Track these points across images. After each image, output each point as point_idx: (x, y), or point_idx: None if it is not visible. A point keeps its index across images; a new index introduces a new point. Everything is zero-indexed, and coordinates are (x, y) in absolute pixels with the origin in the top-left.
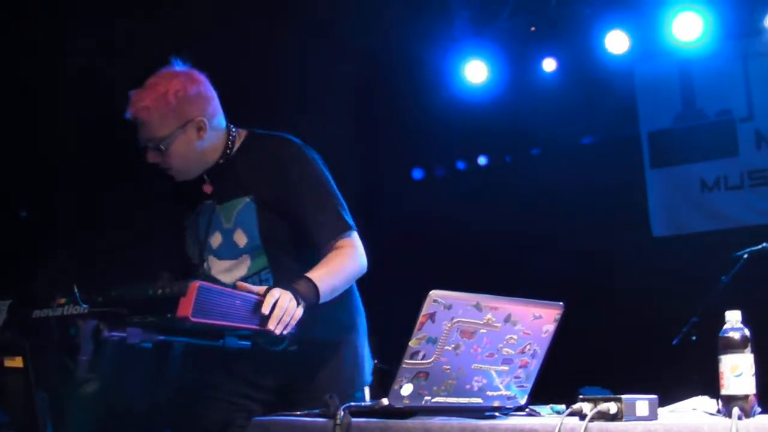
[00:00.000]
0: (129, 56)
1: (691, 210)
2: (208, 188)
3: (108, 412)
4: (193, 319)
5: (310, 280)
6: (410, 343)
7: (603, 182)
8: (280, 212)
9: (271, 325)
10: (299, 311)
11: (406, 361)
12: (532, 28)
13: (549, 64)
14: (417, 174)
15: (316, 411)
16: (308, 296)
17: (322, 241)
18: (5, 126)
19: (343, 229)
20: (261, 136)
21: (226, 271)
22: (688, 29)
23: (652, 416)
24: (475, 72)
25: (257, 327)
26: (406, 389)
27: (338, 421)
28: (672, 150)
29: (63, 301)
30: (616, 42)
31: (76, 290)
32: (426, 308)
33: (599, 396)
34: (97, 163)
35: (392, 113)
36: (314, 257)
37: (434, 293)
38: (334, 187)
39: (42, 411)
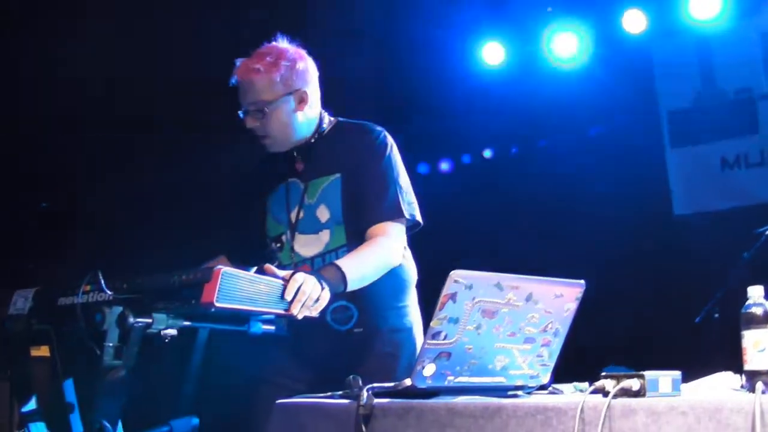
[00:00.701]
0: (150, 49)
1: (711, 188)
2: (299, 165)
3: (135, 398)
4: (217, 305)
5: (338, 267)
6: (432, 324)
7: (623, 162)
8: (358, 191)
9: (294, 309)
10: (325, 296)
11: (428, 341)
12: (549, 9)
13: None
14: (443, 165)
15: (339, 393)
16: (334, 282)
17: (370, 221)
18: (24, 116)
19: (393, 216)
20: (349, 122)
21: (305, 245)
22: (706, 7)
23: (675, 392)
24: (492, 54)
25: (282, 311)
26: (429, 369)
27: (362, 402)
28: (692, 129)
29: (88, 288)
30: (634, 21)
31: (101, 277)
32: (447, 288)
33: (622, 373)
34: (116, 153)
35: (405, 103)
36: None
37: (455, 273)
38: (402, 177)
39: (69, 398)
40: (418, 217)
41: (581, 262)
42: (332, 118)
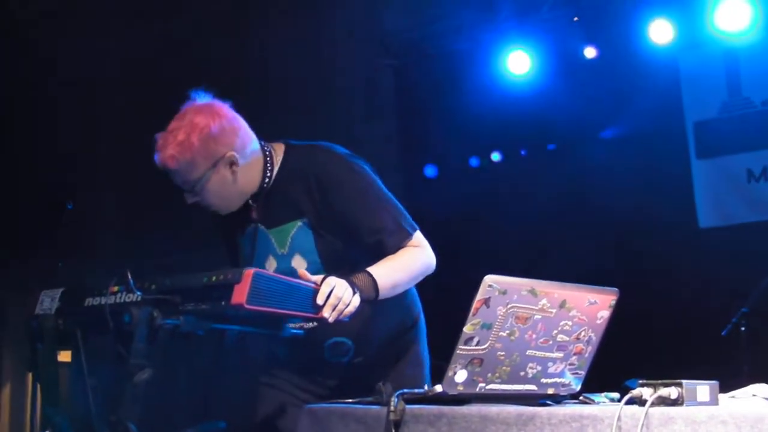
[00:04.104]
0: (171, 50)
1: (737, 200)
2: (254, 213)
3: (161, 400)
4: (247, 307)
5: (369, 275)
6: (465, 329)
7: (648, 173)
8: (335, 233)
9: (325, 313)
10: (355, 301)
11: (460, 347)
12: (575, 18)
13: (590, 53)
14: (465, 165)
15: (369, 399)
16: (365, 289)
17: (394, 246)
18: (51, 118)
19: (403, 239)
20: (299, 150)
21: None
22: (735, 19)
23: (713, 402)
24: (518, 62)
25: (312, 315)
26: (460, 376)
27: (392, 408)
28: (718, 140)
29: (116, 288)
30: (660, 32)
31: (130, 277)
32: (481, 293)
33: (659, 381)
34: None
35: (424, 109)
36: None
37: (489, 278)
38: (386, 192)
39: (94, 399)
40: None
41: (604, 275)
42: (280, 146)
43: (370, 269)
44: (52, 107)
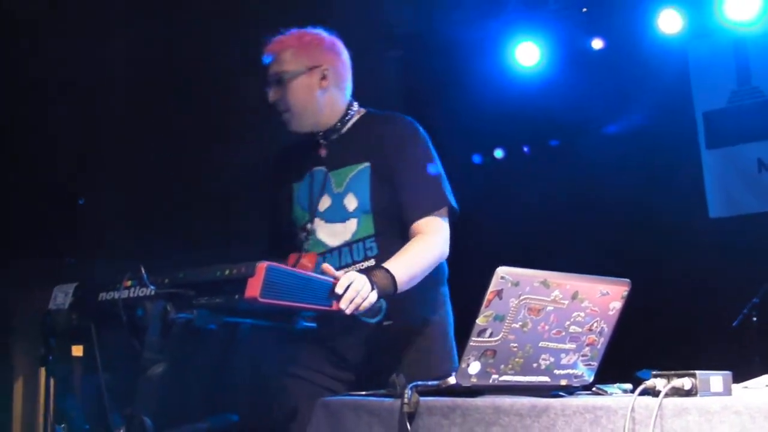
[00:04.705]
0: (171, 49)
1: (748, 190)
2: (323, 152)
3: (175, 394)
4: (261, 300)
5: (387, 271)
6: (477, 321)
7: (658, 164)
8: (390, 182)
9: (343, 305)
10: (372, 297)
11: (473, 338)
12: (584, 9)
13: (598, 44)
14: (475, 158)
15: (382, 391)
16: (384, 286)
17: (417, 213)
18: (61, 112)
19: (438, 206)
20: (378, 113)
21: (332, 234)
22: (744, 9)
23: (726, 392)
24: (526, 54)
25: (327, 308)
26: (474, 367)
27: (406, 400)
28: (728, 130)
29: (129, 283)
30: (669, 22)
31: (143, 272)
32: (494, 285)
33: (672, 372)
34: (152, 149)
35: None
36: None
37: (501, 270)
38: (438, 164)
39: (108, 393)
40: (456, 205)
41: (615, 266)
42: (361, 108)
43: (387, 265)
44: (54, 105)
